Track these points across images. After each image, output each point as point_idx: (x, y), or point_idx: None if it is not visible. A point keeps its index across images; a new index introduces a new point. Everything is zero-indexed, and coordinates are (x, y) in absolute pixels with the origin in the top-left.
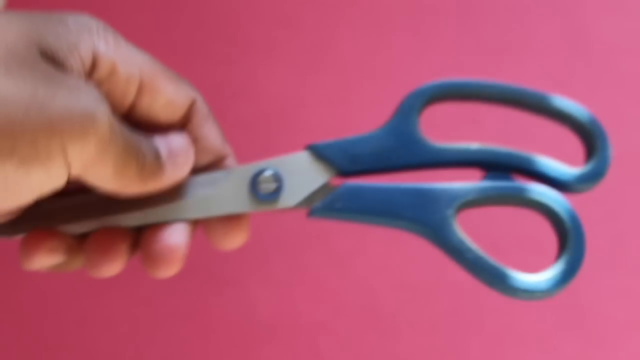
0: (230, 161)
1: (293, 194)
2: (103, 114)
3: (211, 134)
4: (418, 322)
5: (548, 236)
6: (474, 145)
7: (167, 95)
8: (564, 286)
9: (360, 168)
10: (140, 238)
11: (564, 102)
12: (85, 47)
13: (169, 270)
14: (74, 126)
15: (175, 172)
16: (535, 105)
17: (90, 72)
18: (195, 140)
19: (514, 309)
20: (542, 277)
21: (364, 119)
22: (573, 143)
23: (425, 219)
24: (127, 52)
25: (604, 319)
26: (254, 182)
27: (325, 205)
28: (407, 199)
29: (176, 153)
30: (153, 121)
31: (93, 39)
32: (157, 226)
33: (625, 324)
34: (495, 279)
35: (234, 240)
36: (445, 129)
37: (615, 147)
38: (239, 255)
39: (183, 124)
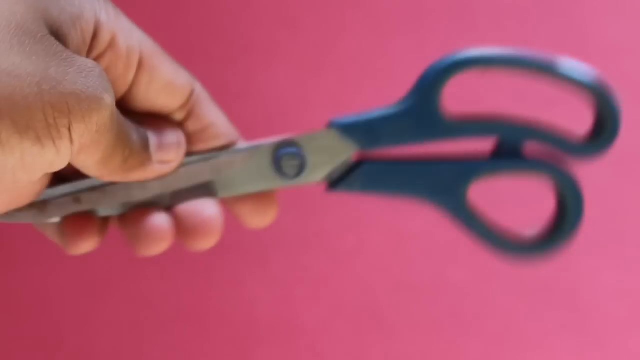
0: (241, 144)
1: (316, 171)
2: (109, 99)
3: (218, 120)
4: (418, 322)
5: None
6: (489, 117)
7: (167, 76)
8: (562, 247)
9: (380, 144)
10: (173, 217)
11: (575, 67)
12: (87, 18)
13: (210, 242)
14: (82, 106)
15: (161, 167)
16: (547, 71)
17: (91, 44)
18: (203, 129)
19: (514, 309)
20: (545, 241)
21: None
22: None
23: (441, 196)
24: (127, 25)
25: (604, 319)
26: (277, 159)
27: (344, 182)
28: (423, 176)
29: (167, 148)
30: (152, 106)
31: (95, 8)
32: (189, 204)
33: (625, 324)
34: (506, 248)
35: (265, 217)
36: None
37: (615, 147)
38: (238, 255)
39: (185, 114)
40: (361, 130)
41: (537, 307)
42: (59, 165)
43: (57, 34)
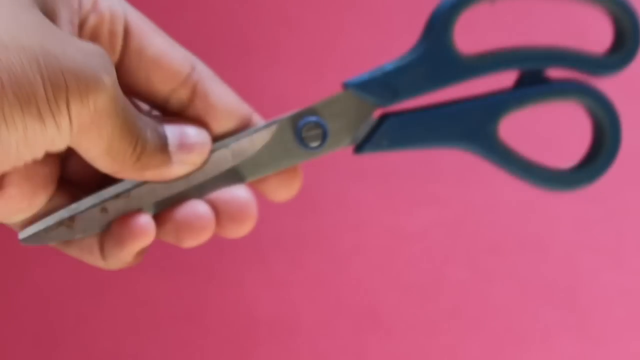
0: (256, 118)
1: (340, 137)
2: (108, 80)
3: (227, 97)
4: (418, 322)
5: (577, 134)
6: (506, 49)
7: (158, 47)
8: (602, 174)
9: (401, 97)
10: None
11: None
12: None
13: (248, 227)
14: (80, 84)
15: (183, 167)
16: None
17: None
18: (212, 108)
19: (514, 309)
20: (589, 168)
21: None
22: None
23: (471, 137)
24: None
25: (604, 319)
26: (298, 132)
27: (371, 141)
28: (449, 120)
29: (189, 147)
30: (149, 84)
31: None
32: (220, 192)
33: (625, 324)
34: (547, 180)
35: (291, 189)
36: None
37: None
38: (238, 255)
39: (189, 93)
40: (378, 86)
41: (537, 307)
42: (60, 143)
43: (45, 9)
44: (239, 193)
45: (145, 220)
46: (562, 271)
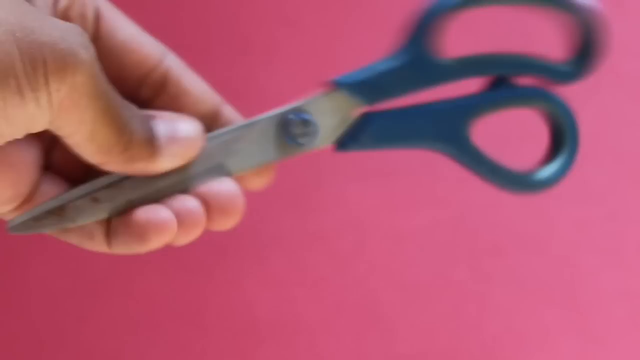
0: (227, 109)
1: (327, 134)
2: (86, 55)
3: (198, 83)
4: (418, 322)
5: (536, 137)
6: (482, 54)
7: (129, 30)
8: (566, 173)
9: (387, 97)
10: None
11: None
12: None
13: (235, 219)
14: (57, 58)
15: (173, 160)
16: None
17: None
18: (185, 93)
19: (514, 309)
20: (550, 170)
21: None
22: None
23: (445, 137)
24: None
25: (604, 319)
26: (286, 128)
27: (350, 138)
28: (425, 120)
29: (180, 141)
30: (118, 69)
31: None
32: (207, 185)
33: (625, 324)
34: (514, 182)
35: (264, 178)
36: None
37: (615, 147)
38: (238, 255)
39: (160, 78)
40: (368, 86)
41: (537, 307)
42: (41, 121)
43: None
44: (226, 186)
45: (168, 216)
46: (562, 271)
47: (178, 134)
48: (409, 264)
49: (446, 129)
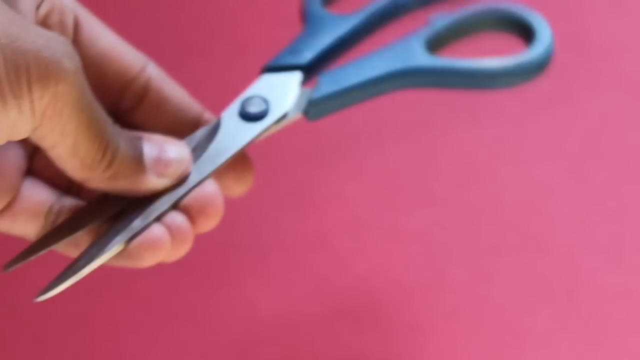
0: (208, 116)
1: (282, 104)
2: (70, 65)
3: (180, 92)
4: (418, 322)
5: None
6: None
7: (109, 39)
8: (550, 53)
9: (318, 55)
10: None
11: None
12: None
13: (215, 220)
14: (40, 66)
15: (159, 182)
16: None
17: None
18: (167, 102)
19: (514, 309)
20: (530, 53)
21: (364, 116)
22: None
23: (406, 63)
24: None
25: (604, 319)
26: (244, 111)
27: (314, 98)
28: (381, 58)
29: (167, 163)
30: (99, 78)
31: None
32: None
33: (625, 324)
34: (496, 77)
35: (245, 184)
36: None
37: (615, 147)
38: (238, 255)
39: (142, 88)
40: (293, 56)
41: (537, 307)
42: (22, 129)
43: None
44: (205, 187)
45: (161, 233)
46: (562, 271)
47: (166, 155)
48: (409, 264)
49: (403, 56)
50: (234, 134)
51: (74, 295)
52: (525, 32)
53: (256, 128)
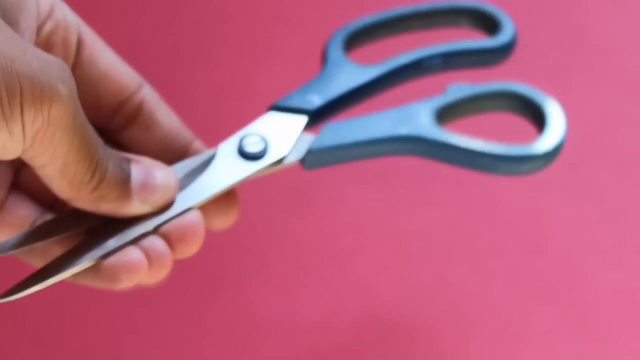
0: (198, 145)
1: (281, 148)
2: (65, 89)
3: (169, 118)
4: (418, 322)
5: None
6: (408, 52)
7: (109, 58)
8: (560, 148)
9: (327, 102)
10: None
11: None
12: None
13: (195, 247)
14: (34, 90)
15: (143, 207)
16: (444, 17)
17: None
18: (157, 126)
19: (514, 309)
20: (538, 145)
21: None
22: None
23: (411, 131)
24: (65, 5)
25: (604, 319)
26: (241, 148)
27: (314, 147)
28: (388, 120)
29: (152, 189)
30: (94, 96)
31: None
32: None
33: (626, 324)
34: (498, 163)
35: (229, 218)
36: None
37: (615, 147)
38: (237, 255)
39: (134, 109)
40: (301, 100)
41: (537, 307)
42: (12, 150)
43: (5, 14)
44: (187, 214)
45: (138, 256)
46: (562, 271)
47: (152, 180)
48: (409, 264)
49: (409, 123)
50: (228, 170)
51: (74, 295)
52: (539, 120)
53: (251, 168)
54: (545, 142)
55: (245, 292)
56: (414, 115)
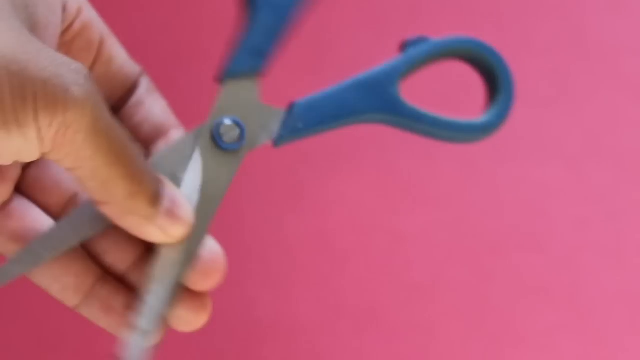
0: (177, 132)
1: (258, 133)
2: (80, 93)
3: (157, 104)
4: (418, 322)
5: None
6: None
7: (122, 56)
8: (507, 117)
9: (270, 51)
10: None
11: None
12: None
13: (217, 279)
14: (47, 95)
15: (158, 235)
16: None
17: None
18: (141, 107)
19: (514, 309)
20: (491, 115)
21: None
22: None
23: (377, 104)
24: (88, 5)
25: (604, 319)
26: (218, 137)
27: (286, 129)
28: (355, 92)
29: (175, 218)
30: (111, 86)
31: None
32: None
33: (626, 324)
34: (457, 131)
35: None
36: None
37: (615, 147)
38: (238, 255)
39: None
40: (244, 57)
41: (537, 307)
42: (30, 154)
43: (28, 12)
44: (209, 247)
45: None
46: (562, 271)
47: (176, 210)
48: (409, 264)
49: (376, 96)
50: (212, 173)
51: None
52: (490, 80)
53: (233, 164)
54: (494, 113)
55: (245, 292)
56: (381, 85)
